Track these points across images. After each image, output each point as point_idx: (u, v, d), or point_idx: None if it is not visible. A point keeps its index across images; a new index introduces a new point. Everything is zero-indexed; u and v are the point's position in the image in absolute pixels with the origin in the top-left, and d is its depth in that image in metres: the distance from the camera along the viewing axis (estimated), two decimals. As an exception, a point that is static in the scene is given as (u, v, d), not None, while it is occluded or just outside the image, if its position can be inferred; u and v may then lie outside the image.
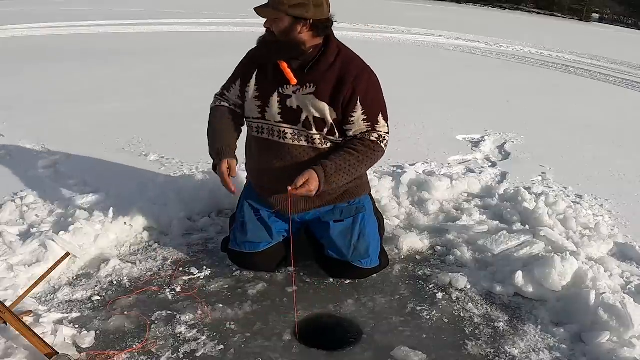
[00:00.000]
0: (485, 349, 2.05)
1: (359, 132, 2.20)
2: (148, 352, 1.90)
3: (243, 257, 2.42)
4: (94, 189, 3.00)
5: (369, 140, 2.20)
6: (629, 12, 47.72)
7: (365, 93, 2.17)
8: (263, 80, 2.23)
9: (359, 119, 2.18)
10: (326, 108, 2.16)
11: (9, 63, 6.82)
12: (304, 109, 2.17)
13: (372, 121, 2.20)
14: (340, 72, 2.15)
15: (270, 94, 2.20)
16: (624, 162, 4.48)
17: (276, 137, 2.23)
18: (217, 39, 10.44)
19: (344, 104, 2.15)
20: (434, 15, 22.10)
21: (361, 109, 2.16)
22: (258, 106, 2.23)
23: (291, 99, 2.18)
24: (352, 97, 2.14)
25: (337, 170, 2.13)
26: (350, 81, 2.14)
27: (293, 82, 2.15)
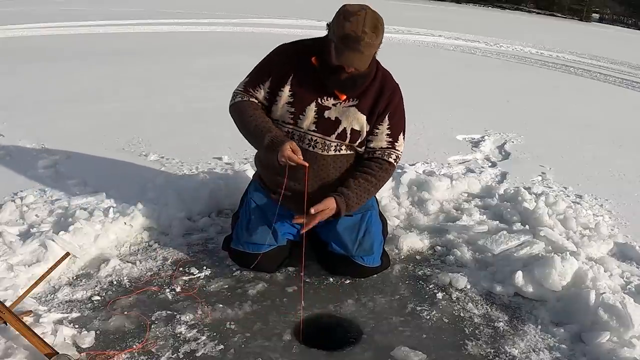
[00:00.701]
0: (485, 349, 2.05)
1: (379, 147, 2.26)
2: (148, 352, 1.90)
3: (245, 257, 2.41)
4: (94, 189, 3.00)
5: (387, 162, 2.25)
6: (629, 12, 47.71)
7: (395, 109, 2.25)
8: (300, 86, 2.17)
9: (382, 132, 2.24)
10: (365, 121, 2.20)
11: (9, 63, 6.81)
12: (343, 121, 2.18)
13: (393, 138, 2.26)
14: (379, 87, 2.21)
15: (307, 103, 2.17)
16: (624, 162, 4.49)
17: (305, 145, 2.20)
18: (217, 39, 10.44)
19: (377, 116, 2.21)
20: (434, 15, 22.10)
21: (387, 123, 2.24)
22: (291, 112, 2.19)
23: (330, 110, 2.18)
24: (385, 111, 2.22)
25: (357, 199, 2.21)
26: (387, 95, 2.22)
27: (342, 98, 2.17)
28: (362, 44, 1.96)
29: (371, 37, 1.97)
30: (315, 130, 2.19)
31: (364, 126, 2.21)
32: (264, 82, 2.22)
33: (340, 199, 2.16)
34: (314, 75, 2.14)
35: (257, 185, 2.45)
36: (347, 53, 1.98)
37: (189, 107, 5.07)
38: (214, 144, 4.00)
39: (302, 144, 2.20)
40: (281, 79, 2.19)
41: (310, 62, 2.14)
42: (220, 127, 4.34)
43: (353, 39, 1.95)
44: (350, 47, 1.96)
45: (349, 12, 1.97)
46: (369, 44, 1.97)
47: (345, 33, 1.95)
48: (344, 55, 1.99)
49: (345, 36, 1.95)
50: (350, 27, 1.95)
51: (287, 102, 2.18)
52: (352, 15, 1.96)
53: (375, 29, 1.98)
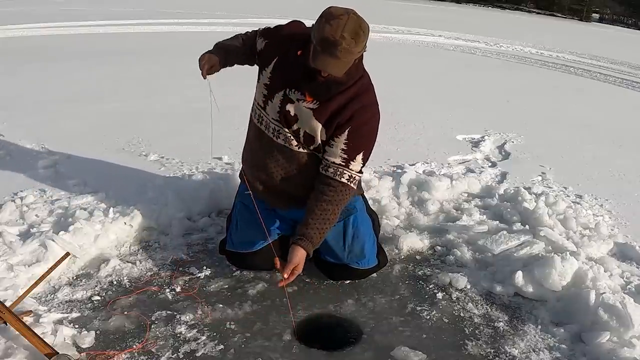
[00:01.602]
0: (485, 349, 2.05)
1: (331, 162, 2.12)
2: (148, 352, 1.90)
3: (240, 257, 2.42)
4: (94, 189, 2.99)
5: (340, 182, 2.12)
6: (629, 12, 47.72)
7: (358, 127, 2.09)
8: (278, 72, 2.15)
9: (338, 146, 2.10)
10: (319, 128, 2.10)
11: (9, 63, 6.81)
12: (299, 120, 2.13)
13: (348, 155, 2.11)
14: (349, 97, 2.08)
15: (277, 90, 2.14)
16: (624, 162, 4.49)
17: (270, 133, 2.20)
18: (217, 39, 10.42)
19: (336, 127, 2.10)
20: (434, 15, 22.10)
21: (345, 137, 2.09)
22: (264, 95, 2.18)
23: (292, 105, 2.12)
24: (345, 124, 2.08)
25: (320, 233, 2.12)
26: (355, 109, 2.07)
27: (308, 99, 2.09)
28: (339, 49, 1.86)
29: (350, 44, 1.86)
30: (277, 120, 2.16)
31: (319, 134, 2.11)
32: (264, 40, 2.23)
33: (304, 242, 2.09)
34: (293, 65, 2.09)
35: (242, 186, 2.45)
36: (323, 57, 1.90)
37: (189, 107, 5.07)
38: (214, 144, 3.99)
39: (267, 131, 2.20)
40: (269, 59, 2.18)
41: (296, 52, 2.08)
42: (220, 127, 4.34)
43: (330, 43, 1.86)
44: (327, 51, 1.87)
45: (331, 15, 1.89)
46: (346, 50, 1.87)
47: (324, 36, 1.86)
48: (320, 58, 1.91)
49: (323, 39, 1.87)
50: (329, 30, 1.85)
51: (265, 83, 2.18)
52: (334, 19, 1.87)
53: (355, 35, 1.87)
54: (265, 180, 2.27)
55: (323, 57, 1.90)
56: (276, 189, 2.28)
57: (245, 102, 2.55)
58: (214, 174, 3.29)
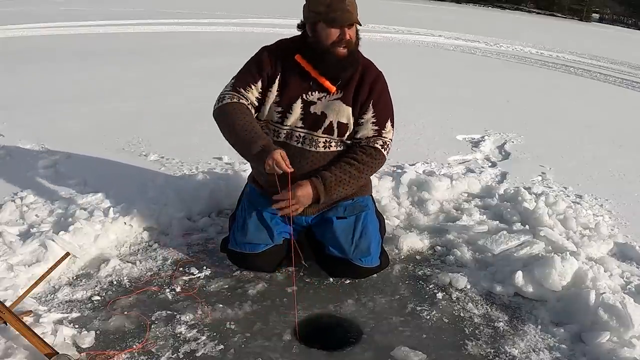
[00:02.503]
0: (485, 349, 2.05)
1: (365, 136, 2.24)
2: (148, 352, 1.90)
3: (242, 257, 2.42)
4: (94, 189, 2.99)
5: (373, 147, 2.23)
6: (629, 12, 47.74)
7: (378, 97, 2.24)
8: (286, 85, 2.20)
9: (368, 121, 2.23)
10: (350, 112, 2.21)
11: (9, 63, 6.81)
12: (329, 115, 2.19)
13: (379, 126, 2.25)
14: (360, 76, 2.22)
15: (293, 101, 2.19)
16: (624, 162, 4.49)
17: (294, 142, 2.22)
18: (217, 39, 10.44)
19: (360, 105, 2.21)
20: (434, 15, 22.10)
21: (372, 112, 2.23)
22: (278, 112, 2.21)
23: (316, 105, 2.19)
24: (367, 100, 2.22)
25: (337, 181, 2.17)
26: (369, 83, 2.22)
27: (332, 90, 2.18)
28: (347, 3, 2.06)
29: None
30: (302, 126, 2.20)
31: (351, 118, 2.22)
32: (256, 80, 2.21)
33: (316, 180, 2.14)
34: (299, 73, 2.17)
35: (252, 186, 2.46)
36: (340, 15, 2.05)
37: (189, 107, 5.07)
38: (214, 144, 3.99)
39: (290, 141, 2.22)
40: (270, 79, 2.21)
41: (294, 60, 2.17)
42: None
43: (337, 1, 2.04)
44: (340, 8, 2.04)
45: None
46: (351, 2, 2.08)
47: (327, 2, 2.04)
48: (338, 18, 2.05)
49: (329, 4, 2.04)
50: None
51: (275, 101, 2.21)
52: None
53: None
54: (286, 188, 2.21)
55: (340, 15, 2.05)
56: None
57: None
58: (214, 174, 3.29)
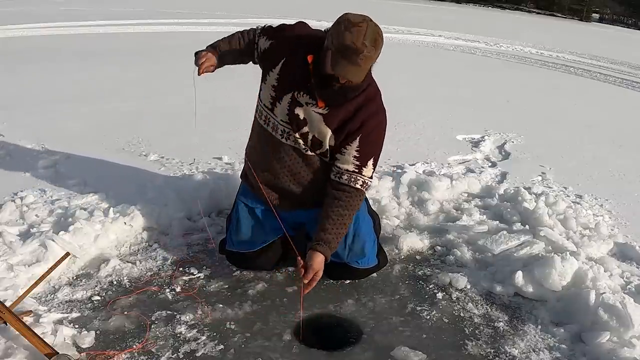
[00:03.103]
0: (485, 349, 2.05)
1: (345, 169, 2.15)
2: (148, 352, 1.90)
3: (240, 257, 2.42)
4: (94, 189, 2.99)
5: (354, 188, 2.16)
6: (629, 12, 47.74)
7: (368, 133, 2.13)
8: (286, 74, 2.15)
9: (350, 153, 2.14)
10: (329, 134, 2.13)
11: (9, 63, 6.81)
12: (308, 124, 2.14)
13: (360, 162, 2.15)
14: (359, 105, 2.11)
15: (285, 92, 2.14)
16: (624, 162, 4.49)
17: (278, 135, 2.20)
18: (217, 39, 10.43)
19: (346, 135, 2.13)
20: (434, 15, 22.10)
21: (357, 144, 2.13)
22: (271, 97, 2.18)
23: (302, 108, 2.12)
24: (356, 132, 2.12)
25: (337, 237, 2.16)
26: (362, 118, 2.11)
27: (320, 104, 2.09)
28: (361, 57, 1.90)
29: (370, 51, 1.91)
30: (287, 122, 2.17)
31: (327, 139, 2.14)
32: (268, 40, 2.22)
33: (323, 247, 2.11)
34: (302, 68, 2.08)
35: (244, 185, 2.45)
36: (344, 64, 1.92)
37: (189, 107, 5.04)
38: (214, 144, 4.00)
39: (275, 133, 2.20)
40: (276, 59, 2.16)
41: (305, 55, 2.07)
42: (220, 127, 4.34)
43: (352, 51, 1.89)
44: (349, 58, 1.90)
45: (350, 22, 1.91)
46: (367, 57, 1.92)
47: (345, 44, 1.89)
48: (341, 66, 1.92)
49: (345, 47, 1.89)
50: (350, 38, 1.88)
51: (272, 85, 2.17)
52: (354, 26, 1.89)
53: (375, 42, 1.91)
54: (271, 181, 2.27)
55: (344, 64, 1.92)
56: (282, 191, 2.28)
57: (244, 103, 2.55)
58: (214, 174, 3.29)
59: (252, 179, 2.31)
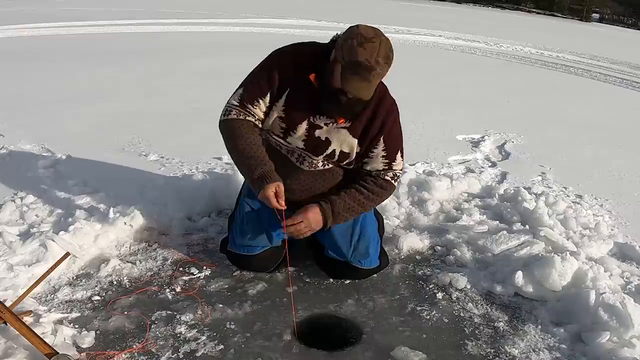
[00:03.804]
0: (485, 349, 2.05)
1: (375, 169, 2.17)
2: (148, 352, 1.90)
3: (241, 259, 2.42)
4: (94, 189, 2.99)
5: (383, 179, 2.18)
6: (629, 12, 47.75)
7: (389, 130, 2.14)
8: (293, 102, 2.08)
9: (378, 155, 2.15)
10: (355, 144, 2.12)
11: (9, 63, 6.81)
12: (333, 142, 2.11)
13: (390, 159, 2.17)
14: (374, 108, 2.10)
15: (299, 121, 2.08)
16: (624, 162, 4.49)
17: (294, 159, 2.16)
18: (217, 39, 10.44)
19: (370, 140, 2.13)
20: (434, 15, 22.10)
21: (382, 145, 2.14)
22: (282, 128, 2.11)
23: (322, 130, 2.09)
24: (378, 134, 2.12)
25: (346, 208, 2.14)
26: (382, 117, 2.11)
27: (340, 122, 2.07)
28: (373, 74, 1.86)
29: (383, 68, 1.87)
30: (304, 147, 2.12)
31: (354, 148, 2.13)
32: (264, 94, 2.09)
33: (325, 204, 2.10)
34: (309, 92, 2.02)
35: (248, 187, 2.43)
36: (355, 81, 1.87)
37: (189, 107, 5.07)
38: (214, 144, 3.99)
39: (291, 157, 2.17)
40: (278, 92, 2.09)
41: (307, 77, 2.00)
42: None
43: (364, 68, 1.84)
44: (360, 75, 1.85)
45: (363, 37, 1.85)
46: (379, 74, 1.88)
47: (357, 60, 1.83)
48: (351, 82, 1.88)
49: (357, 63, 1.84)
50: (363, 54, 1.83)
51: (279, 116, 2.09)
52: (367, 42, 1.84)
53: (387, 59, 1.87)
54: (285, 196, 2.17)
55: (354, 80, 1.87)
56: (296, 204, 2.22)
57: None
58: (214, 174, 3.29)
59: None
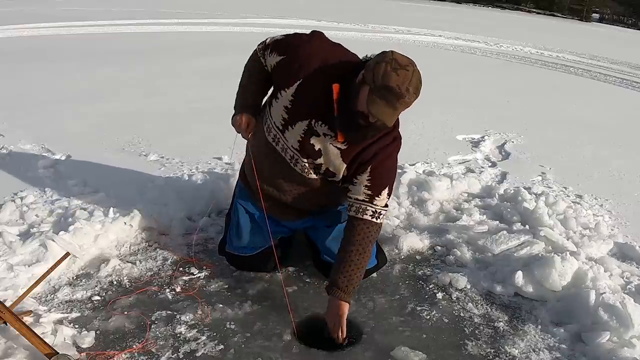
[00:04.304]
0: (485, 349, 2.05)
1: (355, 199, 2.06)
2: (148, 352, 1.90)
3: (239, 260, 2.42)
4: (94, 189, 2.99)
5: (362, 220, 2.06)
6: (629, 12, 47.75)
7: (381, 162, 2.05)
8: (302, 97, 2.00)
9: (361, 183, 2.04)
10: (343, 168, 2.05)
11: (9, 63, 6.81)
12: (323, 156, 2.04)
13: (372, 192, 2.05)
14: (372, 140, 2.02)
15: (300, 118, 2.01)
16: (624, 162, 4.49)
17: (287, 158, 2.09)
18: (217, 39, 10.43)
19: (358, 164, 2.05)
20: (434, 15, 22.09)
21: (368, 175, 2.04)
22: (283, 118, 2.04)
23: (317, 138, 2.02)
24: (368, 162, 2.03)
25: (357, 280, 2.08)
26: (374, 150, 2.03)
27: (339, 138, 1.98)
28: (401, 102, 1.80)
29: (411, 97, 1.81)
30: (297, 149, 2.05)
31: (341, 172, 2.06)
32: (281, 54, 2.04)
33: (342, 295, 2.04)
34: (323, 96, 1.94)
35: (241, 185, 2.42)
36: (382, 105, 1.80)
37: (189, 107, 5.07)
38: (214, 144, 4.00)
39: (285, 155, 2.09)
40: (290, 76, 2.01)
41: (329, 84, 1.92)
42: (220, 127, 4.34)
43: (395, 94, 1.78)
44: (389, 100, 1.79)
45: (398, 64, 1.79)
46: (406, 104, 1.82)
47: (389, 85, 1.77)
48: (377, 106, 1.81)
49: (389, 88, 1.78)
50: (397, 80, 1.77)
51: (285, 105, 2.02)
52: (401, 69, 1.79)
53: (417, 89, 1.82)
54: (276, 197, 2.20)
55: (381, 104, 1.81)
56: (287, 206, 2.23)
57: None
58: (214, 174, 3.29)
59: (253, 188, 2.23)
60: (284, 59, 2.03)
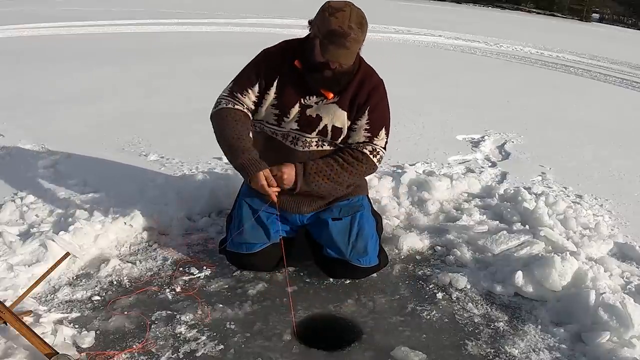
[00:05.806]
0: (485, 349, 2.05)
1: (356, 141, 2.24)
2: (148, 352, 1.90)
3: (240, 258, 2.42)
4: (94, 189, 2.99)
5: (360, 151, 2.24)
6: (629, 12, 47.77)
7: (375, 104, 2.22)
8: (284, 90, 2.19)
9: (361, 127, 2.23)
10: (345, 116, 2.20)
11: (9, 63, 6.81)
12: (324, 118, 2.20)
13: (372, 133, 2.25)
14: (359, 82, 2.20)
15: (291, 105, 2.19)
16: (624, 162, 4.49)
17: (288, 142, 2.24)
18: (217, 39, 10.44)
19: (356, 110, 2.21)
20: (433, 15, 22.10)
21: (366, 118, 2.22)
22: (275, 115, 2.22)
23: (312, 109, 2.19)
24: (364, 106, 2.21)
25: (317, 171, 2.19)
26: (368, 90, 2.21)
27: (330, 97, 2.17)
28: (349, 40, 1.97)
29: (357, 33, 1.98)
30: (297, 128, 2.21)
31: (345, 122, 2.22)
32: (253, 85, 2.21)
33: (299, 165, 2.18)
34: (298, 77, 2.16)
35: (247, 185, 2.44)
36: (334, 49, 1.99)
37: (189, 107, 5.07)
38: (214, 144, 3.99)
39: (285, 141, 2.24)
40: (269, 83, 2.20)
41: (293, 64, 2.15)
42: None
43: (339, 34, 1.96)
44: (337, 42, 1.98)
45: (333, 8, 1.99)
46: (355, 40, 1.99)
47: (332, 29, 1.96)
48: (330, 50, 2.00)
49: (332, 32, 1.97)
50: (336, 22, 1.96)
51: (272, 104, 2.21)
52: (338, 11, 1.98)
53: (360, 25, 2.00)
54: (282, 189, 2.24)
55: (334, 48, 2.00)
56: (298, 194, 2.27)
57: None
58: (214, 174, 3.29)
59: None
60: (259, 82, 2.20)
